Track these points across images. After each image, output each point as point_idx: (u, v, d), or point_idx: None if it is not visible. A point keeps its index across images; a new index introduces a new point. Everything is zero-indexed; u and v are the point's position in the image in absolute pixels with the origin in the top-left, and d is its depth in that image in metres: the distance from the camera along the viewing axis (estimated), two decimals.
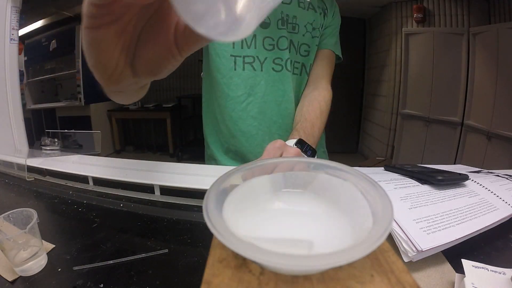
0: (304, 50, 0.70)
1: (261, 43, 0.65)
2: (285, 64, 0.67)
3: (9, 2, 0.91)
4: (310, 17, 0.69)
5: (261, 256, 0.19)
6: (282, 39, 0.66)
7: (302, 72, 0.71)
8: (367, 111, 3.76)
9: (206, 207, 0.23)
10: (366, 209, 0.25)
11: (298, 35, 0.68)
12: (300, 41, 0.68)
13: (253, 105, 0.68)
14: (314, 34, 0.69)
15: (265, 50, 0.66)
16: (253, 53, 0.65)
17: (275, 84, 0.67)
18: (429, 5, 2.67)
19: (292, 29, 0.67)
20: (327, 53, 0.74)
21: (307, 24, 0.68)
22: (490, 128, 2.10)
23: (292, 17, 0.66)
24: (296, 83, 0.71)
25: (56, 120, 3.69)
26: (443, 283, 0.36)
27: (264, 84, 0.67)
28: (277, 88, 0.68)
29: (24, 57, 3.40)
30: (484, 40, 2.19)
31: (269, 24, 0.65)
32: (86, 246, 0.47)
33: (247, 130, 0.69)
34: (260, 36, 0.65)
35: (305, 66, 0.71)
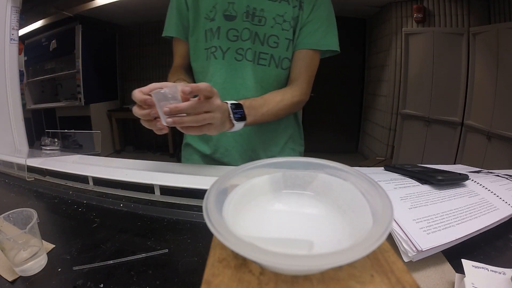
0: (273, 41, 0.71)
1: (225, 35, 0.71)
2: (245, 54, 0.71)
3: (9, 2, 0.91)
4: (280, 9, 0.71)
5: (261, 256, 0.19)
6: (245, 30, 0.70)
7: (271, 63, 0.72)
8: (367, 111, 3.77)
9: (206, 207, 0.23)
10: (366, 209, 0.25)
11: (265, 27, 0.71)
12: (268, 33, 0.71)
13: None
14: (285, 27, 0.71)
15: (228, 41, 0.71)
16: (216, 44, 0.71)
17: (235, 73, 0.72)
18: (429, 5, 2.67)
19: (258, 21, 0.70)
20: (304, 53, 0.74)
21: (276, 16, 0.71)
22: (490, 128, 2.10)
23: (259, 10, 0.70)
24: (263, 74, 0.73)
25: (56, 120, 3.69)
26: (443, 283, 0.36)
27: (224, 72, 0.72)
28: (237, 76, 0.72)
29: (24, 57, 3.40)
30: (484, 40, 2.19)
31: (235, 17, 0.70)
32: (86, 246, 0.47)
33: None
34: (225, 28, 0.70)
35: (274, 58, 0.72)
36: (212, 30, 0.71)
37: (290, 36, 0.72)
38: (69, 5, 3.18)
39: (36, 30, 3.38)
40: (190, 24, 0.75)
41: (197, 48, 0.75)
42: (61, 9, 3.22)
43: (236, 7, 0.70)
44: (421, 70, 2.70)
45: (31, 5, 2.99)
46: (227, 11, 0.70)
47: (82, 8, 3.21)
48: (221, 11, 0.70)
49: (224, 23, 0.70)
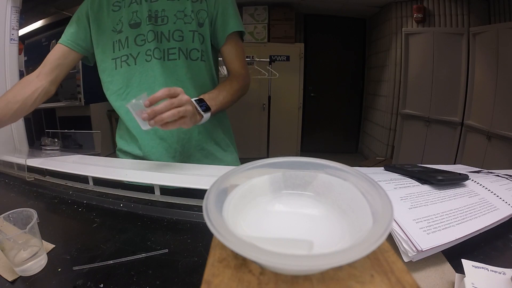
0: (178, 35, 0.77)
1: (133, 41, 0.76)
2: (152, 54, 0.75)
3: (9, 2, 0.91)
4: (180, 6, 0.77)
5: (261, 256, 0.19)
6: (149, 33, 0.75)
7: (180, 55, 0.77)
8: (367, 111, 3.77)
9: (206, 207, 0.23)
10: (366, 209, 0.25)
11: (169, 25, 0.76)
12: (172, 29, 0.76)
13: (130, 95, 0.78)
14: (187, 20, 0.77)
15: (137, 46, 0.76)
16: (127, 52, 0.77)
17: (148, 74, 0.76)
18: (429, 5, 2.67)
19: (161, 21, 0.76)
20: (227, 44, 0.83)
21: (177, 12, 0.76)
22: (490, 128, 2.10)
23: (161, 11, 0.76)
24: (174, 68, 0.77)
25: (56, 120, 3.69)
26: (443, 283, 0.36)
27: (139, 75, 0.77)
28: (149, 75, 0.76)
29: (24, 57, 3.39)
30: (484, 40, 2.19)
31: (140, 24, 0.76)
32: (86, 246, 0.47)
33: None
34: (132, 36, 0.76)
35: (182, 50, 0.77)
36: (121, 41, 0.77)
37: (194, 28, 0.77)
38: (69, 5, 3.17)
39: (36, 30, 3.37)
40: (93, 38, 0.79)
41: (104, 59, 0.80)
42: (61, 9, 3.22)
43: (139, 14, 0.76)
44: (421, 70, 2.70)
45: (31, 5, 2.98)
46: (132, 20, 0.76)
47: None
48: (126, 22, 0.76)
49: (131, 31, 0.76)
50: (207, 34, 0.80)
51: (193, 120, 0.62)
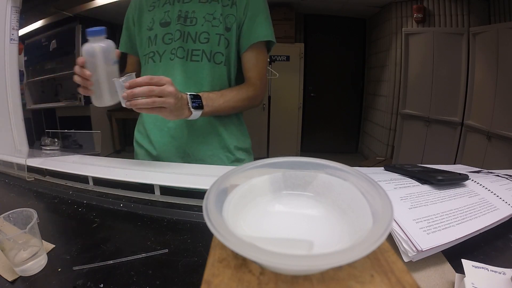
0: (204, 37, 0.77)
1: (161, 39, 0.78)
2: (176, 53, 0.77)
3: (9, 2, 0.91)
4: (210, 9, 0.77)
5: (261, 256, 0.19)
6: (176, 32, 0.77)
7: (203, 58, 0.78)
8: (367, 111, 3.76)
9: (206, 207, 0.23)
10: (366, 209, 0.25)
11: (197, 26, 0.77)
12: (199, 31, 0.77)
13: None
14: (214, 24, 0.77)
15: (164, 44, 0.78)
16: (154, 49, 0.79)
17: (169, 72, 0.77)
18: (429, 5, 2.67)
19: (190, 22, 0.77)
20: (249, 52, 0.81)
21: (206, 15, 0.77)
22: (490, 128, 2.10)
23: (191, 12, 0.78)
24: (195, 69, 0.78)
25: (56, 120, 3.69)
26: (443, 283, 0.36)
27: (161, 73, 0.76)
28: (170, 74, 0.75)
29: (24, 57, 3.39)
30: (484, 40, 2.19)
31: (169, 23, 0.78)
32: (86, 246, 0.47)
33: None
34: (161, 34, 0.78)
35: (205, 53, 0.77)
36: (151, 38, 0.80)
37: (221, 31, 0.77)
38: (69, 5, 3.17)
39: (36, 30, 3.37)
40: (137, 37, 0.84)
41: (140, 57, 0.85)
42: (61, 9, 3.22)
43: (170, 14, 0.78)
44: (421, 70, 2.70)
45: (31, 5, 2.98)
46: (163, 19, 0.79)
47: (82, 8, 3.21)
48: (158, 21, 0.79)
49: (160, 30, 0.79)
50: (233, 39, 0.79)
51: (177, 114, 0.63)
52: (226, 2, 0.78)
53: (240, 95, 0.78)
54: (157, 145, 0.81)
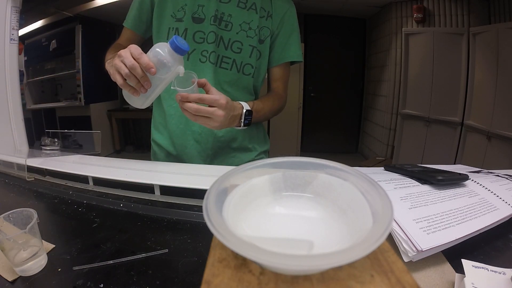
0: (236, 47, 0.74)
1: (192, 37, 0.73)
2: (209, 56, 0.73)
3: (9, 2, 0.91)
4: (247, 17, 0.74)
5: (261, 256, 0.19)
6: (211, 34, 0.72)
7: (233, 67, 0.75)
8: (367, 111, 3.76)
9: (206, 207, 0.23)
10: (366, 209, 0.25)
11: (231, 32, 0.74)
12: (232, 38, 0.74)
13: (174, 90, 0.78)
14: (250, 34, 0.75)
15: (194, 42, 0.73)
16: None
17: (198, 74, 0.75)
18: (429, 5, 2.67)
19: (225, 26, 0.73)
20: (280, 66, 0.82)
21: (242, 23, 0.74)
22: (490, 128, 2.10)
23: (227, 15, 0.73)
24: (224, 77, 0.76)
25: (56, 120, 3.69)
26: (443, 283, 0.36)
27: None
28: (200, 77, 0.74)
29: (24, 57, 3.40)
30: (484, 40, 2.19)
31: (203, 20, 0.73)
32: (86, 246, 0.47)
33: (168, 110, 0.79)
34: (192, 30, 0.73)
35: (236, 63, 0.75)
36: (178, 30, 0.73)
37: (254, 43, 0.75)
38: (69, 5, 3.17)
39: (36, 30, 3.37)
40: (154, 21, 0.76)
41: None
42: (61, 9, 3.22)
43: (205, 10, 0.72)
44: (421, 70, 2.70)
45: (31, 5, 2.98)
46: (196, 13, 0.72)
47: (82, 8, 3.21)
48: (190, 13, 0.72)
49: (192, 25, 0.73)
50: (265, 52, 0.78)
51: (224, 125, 0.62)
52: (262, 13, 0.76)
53: (274, 107, 0.79)
54: (180, 148, 0.79)
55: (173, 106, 0.78)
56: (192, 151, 0.79)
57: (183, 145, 0.79)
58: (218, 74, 0.75)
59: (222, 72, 0.75)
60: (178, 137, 0.79)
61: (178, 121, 0.78)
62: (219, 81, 0.75)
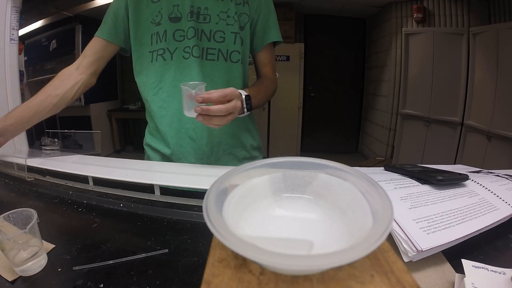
0: (219, 36, 0.75)
1: (172, 36, 0.74)
2: (191, 51, 0.74)
3: (9, 2, 0.91)
4: (223, 6, 0.76)
5: (261, 256, 0.19)
6: (190, 29, 0.73)
7: (219, 57, 0.76)
8: (367, 111, 3.77)
9: (206, 207, 0.23)
10: (366, 209, 0.25)
11: (211, 24, 0.75)
12: (214, 29, 0.75)
13: (163, 90, 0.77)
14: (229, 22, 0.76)
15: (175, 41, 0.74)
16: (164, 46, 0.75)
17: (184, 71, 0.75)
18: (429, 5, 2.67)
19: (203, 19, 0.75)
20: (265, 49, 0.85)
21: (220, 13, 0.75)
22: (490, 128, 2.10)
23: (203, 9, 0.75)
24: (211, 68, 0.76)
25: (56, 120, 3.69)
26: (443, 283, 0.36)
27: (173, 71, 0.76)
28: (186, 73, 0.75)
29: (24, 57, 3.39)
30: (484, 40, 2.19)
31: (180, 19, 0.74)
32: (86, 246, 0.47)
33: (158, 112, 0.79)
34: (171, 30, 0.74)
35: (222, 52, 0.76)
36: (159, 33, 0.74)
37: (236, 30, 0.76)
38: (69, 5, 3.18)
39: (36, 30, 3.37)
40: (131, 30, 0.77)
41: (141, 52, 0.78)
42: (61, 9, 3.22)
43: (181, 9, 0.74)
44: (421, 70, 2.70)
45: (31, 5, 2.98)
46: (172, 13, 0.74)
47: (82, 8, 3.21)
48: (166, 15, 0.74)
49: (170, 25, 0.74)
50: (247, 38, 0.79)
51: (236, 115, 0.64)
52: (238, 1, 0.77)
53: (268, 91, 0.81)
54: (175, 147, 0.79)
55: (163, 107, 0.78)
56: (188, 149, 0.79)
57: (178, 144, 0.79)
58: (205, 67, 0.76)
59: (209, 64, 0.76)
60: (172, 137, 0.79)
61: (170, 120, 0.78)
62: (207, 74, 0.76)
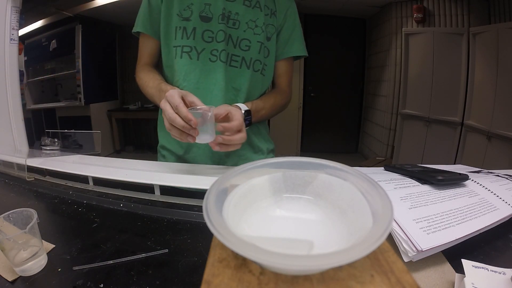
0: (245, 45, 0.75)
1: (201, 35, 0.72)
2: (219, 55, 0.73)
3: (9, 2, 0.91)
4: (253, 15, 0.75)
5: (261, 256, 0.19)
6: (220, 32, 0.72)
7: (242, 65, 0.75)
8: (367, 111, 3.76)
9: (206, 207, 0.23)
10: (366, 209, 0.25)
11: (239, 31, 0.74)
12: (240, 36, 0.74)
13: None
14: (256, 31, 0.75)
15: (203, 41, 0.72)
16: (191, 44, 0.72)
17: (209, 73, 0.73)
18: (429, 5, 2.67)
19: (233, 24, 0.74)
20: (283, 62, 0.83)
21: (249, 21, 0.74)
22: (490, 128, 2.10)
23: (234, 14, 0.73)
24: (234, 75, 0.75)
25: (56, 120, 3.69)
26: (443, 283, 0.36)
27: (199, 72, 0.74)
28: (211, 77, 0.74)
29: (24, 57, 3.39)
30: (484, 40, 2.19)
31: (211, 19, 0.72)
32: (86, 246, 0.47)
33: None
34: (200, 29, 0.72)
35: (245, 60, 0.75)
36: (186, 29, 0.72)
37: (261, 40, 0.76)
38: (69, 5, 3.17)
39: (36, 30, 3.37)
40: (162, 20, 0.74)
41: (166, 44, 0.76)
42: (61, 9, 3.22)
43: (212, 9, 0.72)
44: (421, 70, 2.70)
45: (31, 5, 2.98)
46: (203, 12, 0.72)
47: (82, 8, 3.21)
48: (197, 12, 0.72)
49: (200, 24, 0.72)
50: (272, 49, 0.79)
51: None
52: (267, 11, 0.77)
53: (276, 104, 0.79)
54: (192, 150, 0.77)
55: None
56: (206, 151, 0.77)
57: (196, 146, 0.77)
58: (229, 73, 0.75)
59: (233, 70, 0.75)
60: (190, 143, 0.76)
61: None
62: (230, 80, 0.75)
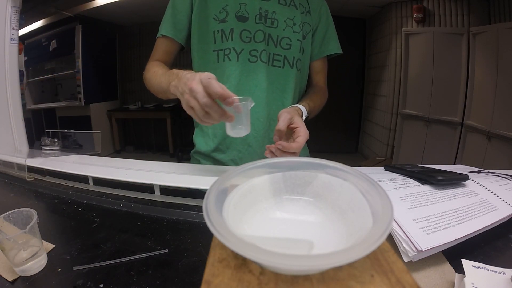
0: (286, 43, 0.73)
1: (238, 36, 0.71)
2: (260, 56, 0.71)
3: (9, 2, 0.91)
4: (290, 13, 0.74)
5: (261, 256, 0.19)
6: (258, 32, 0.71)
7: (285, 64, 0.74)
8: (367, 111, 3.76)
9: (206, 207, 0.23)
10: (366, 209, 0.25)
11: (278, 29, 0.72)
12: (280, 35, 0.73)
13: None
14: (295, 30, 0.74)
15: (242, 42, 0.71)
16: (230, 45, 0.71)
17: (249, 74, 0.72)
18: (429, 5, 2.67)
19: (271, 23, 0.72)
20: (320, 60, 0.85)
21: (287, 19, 0.73)
22: (490, 128, 2.10)
23: (271, 12, 0.72)
24: (277, 75, 0.74)
25: (56, 120, 3.69)
26: (443, 283, 0.36)
27: (239, 73, 0.72)
28: (252, 78, 0.72)
29: (24, 57, 3.40)
30: (484, 40, 2.19)
31: (247, 19, 0.71)
32: (86, 246, 0.47)
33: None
34: (238, 29, 0.70)
35: (287, 59, 0.74)
36: (224, 31, 0.70)
37: (300, 38, 0.75)
38: (69, 5, 3.17)
39: (36, 30, 3.38)
40: (194, 26, 0.73)
41: (204, 50, 0.73)
42: (61, 9, 3.22)
43: (248, 9, 0.71)
44: (421, 70, 2.70)
45: (31, 5, 2.98)
46: (239, 12, 0.70)
47: (82, 8, 3.21)
48: (233, 12, 0.70)
49: (237, 24, 0.70)
50: (308, 48, 0.79)
51: None
52: (302, 10, 0.76)
53: (322, 103, 0.81)
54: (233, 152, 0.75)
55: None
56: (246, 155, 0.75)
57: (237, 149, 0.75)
58: (272, 73, 0.73)
59: (275, 70, 0.74)
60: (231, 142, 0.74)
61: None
62: (273, 81, 0.74)
